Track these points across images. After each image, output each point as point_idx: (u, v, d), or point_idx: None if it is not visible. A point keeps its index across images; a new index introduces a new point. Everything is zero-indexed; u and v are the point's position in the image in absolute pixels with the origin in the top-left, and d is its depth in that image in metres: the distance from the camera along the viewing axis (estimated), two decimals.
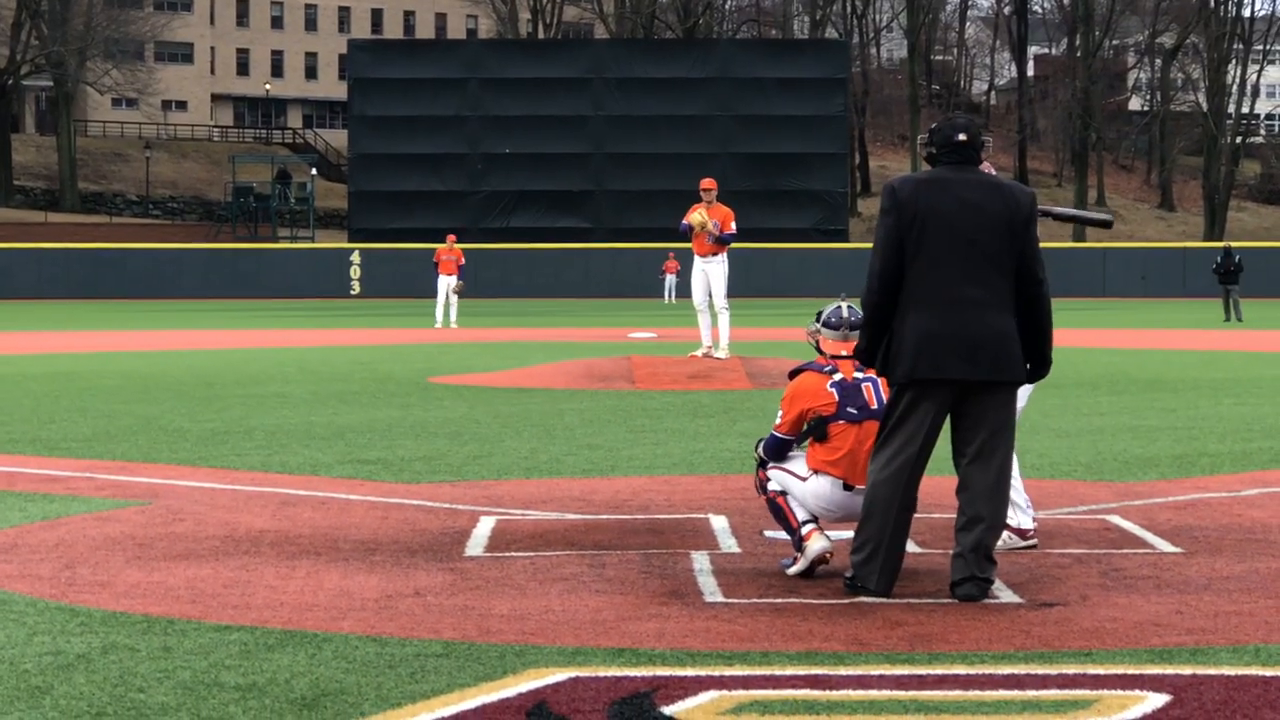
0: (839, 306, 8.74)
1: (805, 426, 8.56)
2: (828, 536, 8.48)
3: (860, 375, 8.52)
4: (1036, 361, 8.16)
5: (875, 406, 8.43)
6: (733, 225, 23.81)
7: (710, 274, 23.96)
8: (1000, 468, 7.98)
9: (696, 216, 23.73)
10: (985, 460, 7.96)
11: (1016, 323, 8.01)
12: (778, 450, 8.69)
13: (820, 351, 8.71)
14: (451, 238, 43.99)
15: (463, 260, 42.66)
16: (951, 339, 7.84)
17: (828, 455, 8.51)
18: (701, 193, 24.02)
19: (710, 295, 24.07)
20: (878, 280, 7.95)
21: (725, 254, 24.03)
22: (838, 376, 8.55)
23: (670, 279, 66.19)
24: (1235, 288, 47.07)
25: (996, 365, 7.89)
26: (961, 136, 8.05)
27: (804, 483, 8.57)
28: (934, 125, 8.23)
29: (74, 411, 18.20)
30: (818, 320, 8.78)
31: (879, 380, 8.40)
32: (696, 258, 24.21)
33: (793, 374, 8.73)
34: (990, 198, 7.98)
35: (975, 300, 7.87)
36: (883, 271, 7.94)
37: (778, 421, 8.65)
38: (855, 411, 8.47)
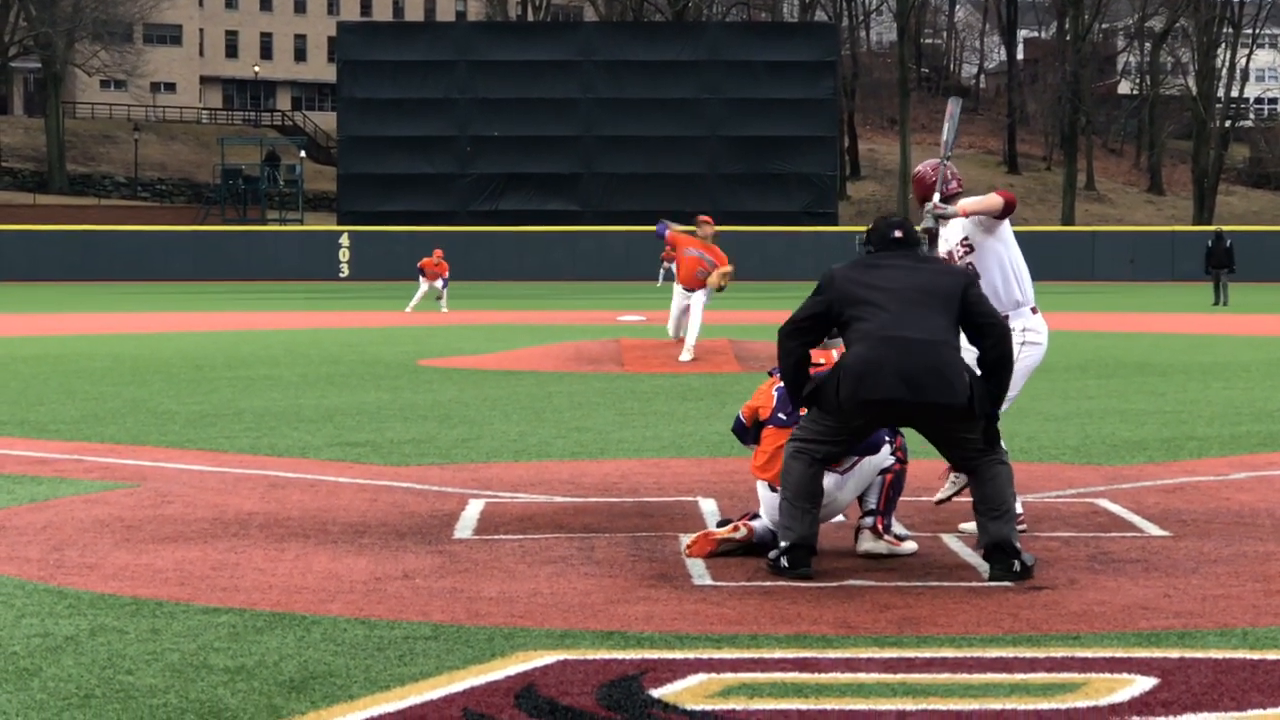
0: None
1: (753, 425, 8.83)
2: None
3: None
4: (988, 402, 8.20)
5: None
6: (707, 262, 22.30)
7: (692, 307, 22.41)
8: (999, 476, 8.15)
9: (714, 279, 22.10)
10: (980, 474, 8.13)
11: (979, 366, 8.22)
12: (739, 430, 8.92)
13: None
14: (439, 252, 43.36)
15: (446, 274, 42.20)
16: (893, 365, 8.00)
17: (757, 461, 8.72)
18: (698, 225, 22.65)
19: (684, 331, 22.58)
20: (793, 324, 8.21)
21: (707, 291, 22.36)
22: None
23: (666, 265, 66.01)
24: (1225, 271, 47.03)
25: (932, 389, 7.98)
26: (897, 234, 8.41)
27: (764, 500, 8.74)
28: (870, 226, 8.61)
29: (62, 394, 18.17)
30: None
31: None
32: (679, 285, 22.54)
33: (770, 373, 8.96)
34: (924, 262, 8.32)
35: (916, 339, 8.03)
36: (798, 324, 8.19)
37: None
38: (784, 417, 8.63)
